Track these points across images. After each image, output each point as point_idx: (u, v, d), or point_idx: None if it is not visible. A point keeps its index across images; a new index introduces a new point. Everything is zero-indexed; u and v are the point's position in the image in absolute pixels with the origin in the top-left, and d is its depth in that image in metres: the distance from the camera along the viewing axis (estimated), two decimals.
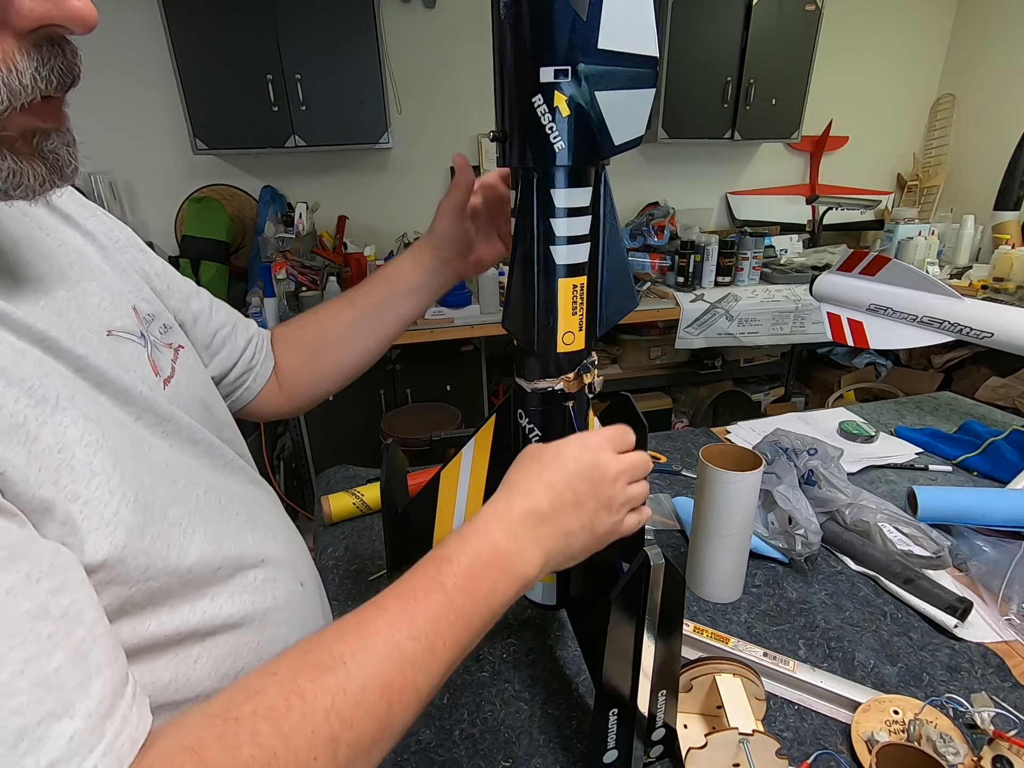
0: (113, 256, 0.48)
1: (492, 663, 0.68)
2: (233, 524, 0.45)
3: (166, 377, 0.47)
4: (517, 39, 0.42)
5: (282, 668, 0.32)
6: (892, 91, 3.20)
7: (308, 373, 0.69)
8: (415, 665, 0.34)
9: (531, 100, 0.43)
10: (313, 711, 0.30)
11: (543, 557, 0.43)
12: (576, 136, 0.44)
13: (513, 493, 0.44)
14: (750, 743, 0.51)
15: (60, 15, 0.28)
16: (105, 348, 0.40)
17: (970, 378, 2.45)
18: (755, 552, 0.80)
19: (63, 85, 0.30)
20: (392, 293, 0.66)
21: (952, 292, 1.04)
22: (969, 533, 0.85)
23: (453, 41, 2.56)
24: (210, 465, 0.47)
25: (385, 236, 2.72)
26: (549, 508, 0.43)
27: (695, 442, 1.17)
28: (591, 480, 0.44)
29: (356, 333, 0.67)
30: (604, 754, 0.51)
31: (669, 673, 0.52)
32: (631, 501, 0.48)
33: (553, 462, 0.45)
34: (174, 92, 2.15)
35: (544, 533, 0.43)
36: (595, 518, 0.45)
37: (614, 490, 0.45)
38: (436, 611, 0.36)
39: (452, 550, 0.40)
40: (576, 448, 0.46)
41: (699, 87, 2.57)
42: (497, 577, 0.40)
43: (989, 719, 0.56)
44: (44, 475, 0.30)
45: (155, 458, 0.40)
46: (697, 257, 2.53)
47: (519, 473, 0.46)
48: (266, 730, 0.29)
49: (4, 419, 0.29)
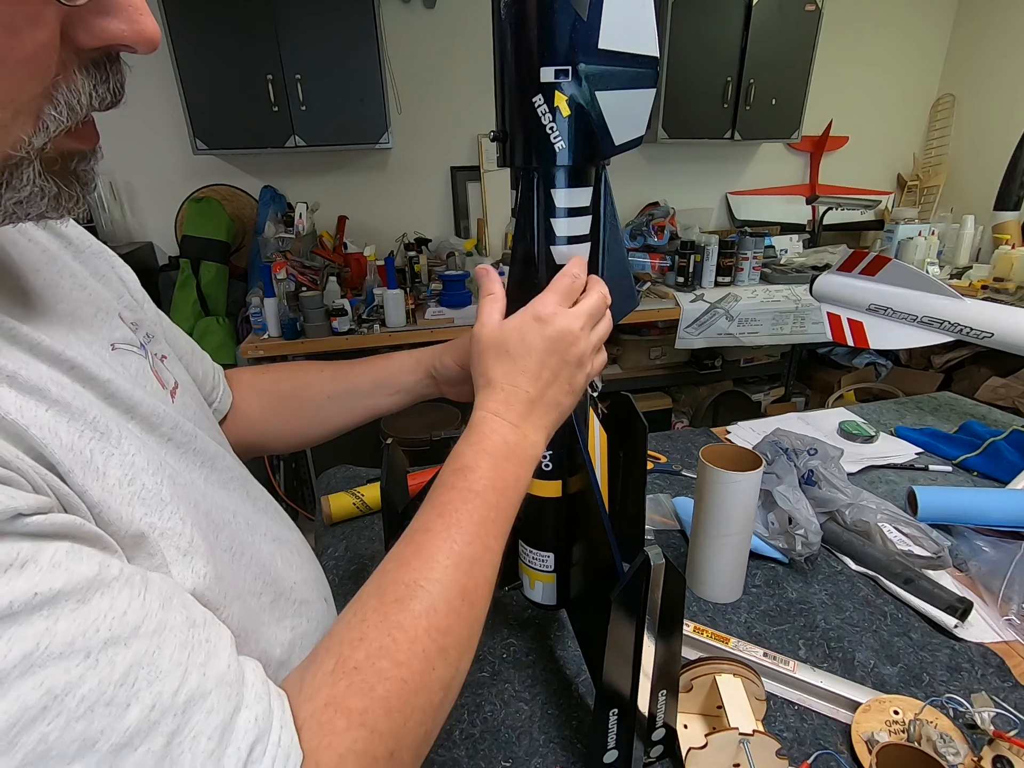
0: (91, 261, 0.46)
1: (492, 663, 0.68)
2: (263, 545, 0.44)
3: (172, 388, 0.45)
4: (518, 39, 0.42)
5: (368, 613, 0.35)
6: (892, 91, 3.20)
7: (273, 427, 0.67)
8: (479, 564, 0.38)
9: (532, 100, 0.43)
10: (416, 636, 0.34)
11: (544, 434, 0.47)
12: (576, 136, 0.44)
13: (497, 390, 0.46)
14: (750, 743, 0.51)
15: (131, 35, 0.27)
16: (117, 365, 0.38)
17: (970, 378, 2.45)
18: (755, 552, 0.80)
19: (114, 104, 0.29)
20: (381, 386, 0.65)
21: (952, 292, 1.04)
22: (969, 533, 0.85)
23: (453, 41, 2.56)
24: (229, 484, 0.46)
25: (385, 236, 2.72)
26: (536, 392, 0.45)
27: (695, 442, 1.17)
28: (559, 353, 0.46)
29: (333, 408, 0.66)
30: (604, 754, 0.51)
31: (669, 673, 0.52)
32: (598, 344, 0.49)
33: (520, 348, 0.46)
34: (174, 92, 2.15)
35: (539, 414, 0.46)
36: (572, 381, 0.47)
37: (580, 347, 0.47)
38: (479, 514, 0.40)
39: (469, 459, 0.42)
40: (535, 325, 0.46)
41: (699, 87, 2.57)
42: (517, 467, 0.44)
43: (989, 719, 0.56)
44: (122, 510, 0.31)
45: (191, 483, 0.39)
46: (697, 257, 2.53)
47: (493, 367, 0.46)
48: (386, 666, 0.32)
49: (77, 457, 0.29)
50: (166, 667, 0.28)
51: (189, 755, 0.27)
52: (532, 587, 0.62)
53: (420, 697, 0.33)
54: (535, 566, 0.61)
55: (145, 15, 0.27)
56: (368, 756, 0.31)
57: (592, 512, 0.53)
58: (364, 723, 0.31)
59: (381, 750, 0.31)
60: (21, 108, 0.25)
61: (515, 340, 0.46)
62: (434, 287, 2.48)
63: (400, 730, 0.32)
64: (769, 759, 0.52)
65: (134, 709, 0.26)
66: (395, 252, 2.62)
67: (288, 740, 0.30)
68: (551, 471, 0.56)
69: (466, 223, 2.86)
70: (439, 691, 0.35)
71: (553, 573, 0.61)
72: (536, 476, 0.57)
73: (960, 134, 3.19)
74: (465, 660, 0.37)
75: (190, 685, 0.28)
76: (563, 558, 0.60)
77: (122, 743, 0.25)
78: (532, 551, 0.61)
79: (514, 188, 0.50)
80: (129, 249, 2.36)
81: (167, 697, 0.27)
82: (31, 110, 0.26)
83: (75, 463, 0.29)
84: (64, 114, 0.27)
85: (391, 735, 0.32)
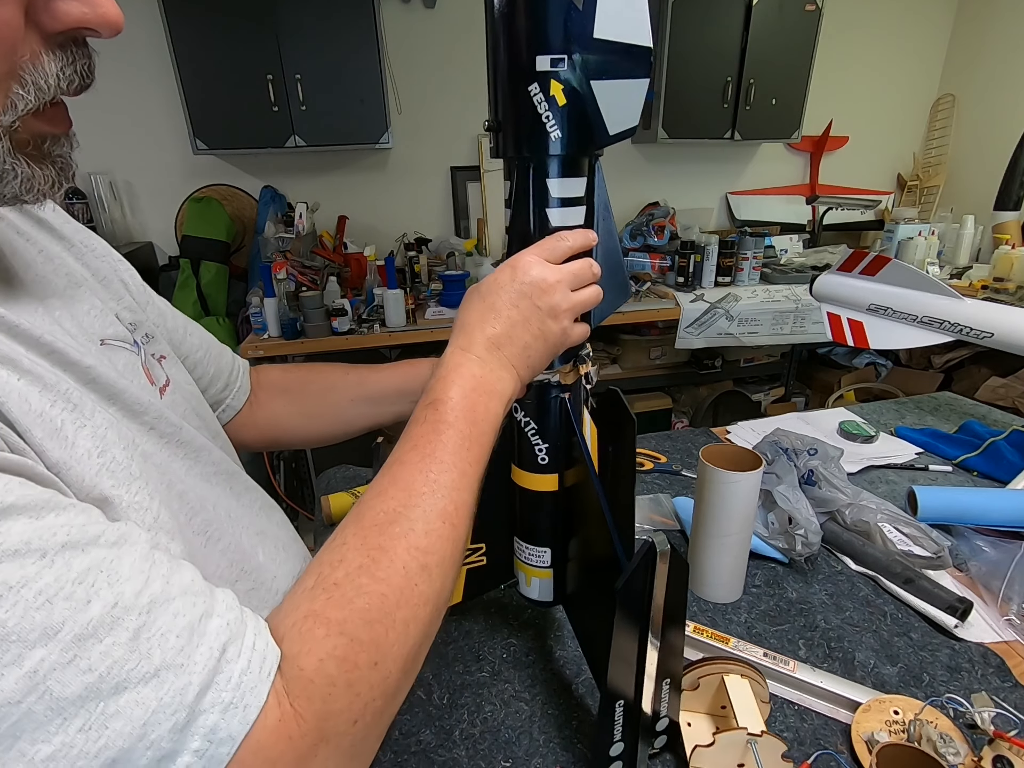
0: (92, 263, 0.48)
1: (492, 663, 0.68)
2: (244, 538, 0.45)
3: (161, 385, 0.47)
4: (513, 28, 0.42)
5: (348, 538, 0.36)
6: (892, 91, 3.20)
7: (297, 425, 0.69)
8: (457, 488, 0.39)
9: (527, 89, 0.43)
10: (396, 554, 0.35)
11: (513, 373, 0.47)
12: (572, 125, 0.44)
13: (467, 328, 0.47)
14: (758, 744, 0.51)
15: (94, 19, 0.28)
16: (104, 358, 0.39)
17: (970, 378, 2.45)
18: (755, 552, 0.80)
19: (82, 86, 0.31)
20: (406, 391, 0.67)
21: (952, 292, 1.04)
22: (969, 533, 0.85)
23: (453, 41, 2.56)
24: (212, 478, 0.46)
25: (385, 236, 2.72)
26: (502, 330, 0.46)
27: (695, 442, 1.17)
28: (529, 296, 0.46)
29: (358, 411, 0.68)
30: (611, 747, 0.52)
31: (673, 663, 0.53)
32: (577, 307, 0.49)
33: (492, 289, 0.47)
34: (174, 92, 2.15)
35: (506, 352, 0.46)
36: (543, 327, 0.47)
37: (554, 298, 0.47)
38: (452, 443, 0.40)
39: (438, 392, 0.43)
40: (509, 270, 0.47)
41: (699, 87, 2.57)
42: (487, 398, 0.44)
43: (989, 719, 0.56)
44: (86, 477, 0.31)
45: (167, 467, 0.40)
46: (697, 257, 2.53)
47: (467, 311, 0.48)
48: (366, 581, 0.33)
49: (46, 424, 0.30)
50: (127, 573, 0.28)
51: (159, 652, 0.27)
52: (528, 584, 0.62)
53: (402, 610, 0.34)
54: (531, 562, 0.61)
55: None
56: (348, 662, 0.31)
57: (591, 504, 0.53)
58: (344, 631, 0.31)
59: (363, 658, 0.31)
60: None
61: (488, 283, 0.48)
62: (434, 287, 2.48)
63: (382, 640, 0.32)
64: (775, 761, 0.52)
65: (95, 605, 0.26)
66: (395, 252, 2.62)
67: (263, 645, 0.30)
68: (547, 464, 0.56)
69: (466, 223, 2.86)
70: (423, 606, 0.35)
71: (550, 568, 0.61)
72: (532, 470, 0.57)
73: (960, 134, 3.19)
74: (450, 578, 0.38)
75: (153, 590, 0.28)
76: (560, 553, 0.60)
77: (86, 634, 0.25)
78: (528, 547, 0.60)
79: (508, 179, 0.50)
80: (129, 249, 2.36)
81: (129, 597, 0.27)
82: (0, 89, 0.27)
83: (38, 426, 0.30)
84: (32, 93, 0.28)
85: (372, 645, 0.32)
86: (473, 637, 0.71)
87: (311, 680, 0.30)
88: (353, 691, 0.31)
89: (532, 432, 0.55)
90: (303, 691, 0.30)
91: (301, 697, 0.30)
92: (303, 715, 0.29)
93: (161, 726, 0.26)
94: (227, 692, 0.28)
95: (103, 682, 0.25)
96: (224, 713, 0.27)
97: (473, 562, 0.63)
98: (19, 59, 0.27)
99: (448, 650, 0.70)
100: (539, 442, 0.55)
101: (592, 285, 0.50)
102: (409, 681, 0.35)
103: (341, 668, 0.31)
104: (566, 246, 0.48)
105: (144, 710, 0.26)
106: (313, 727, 0.29)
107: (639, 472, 1.06)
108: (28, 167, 0.30)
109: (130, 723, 0.25)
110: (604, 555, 0.52)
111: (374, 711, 0.32)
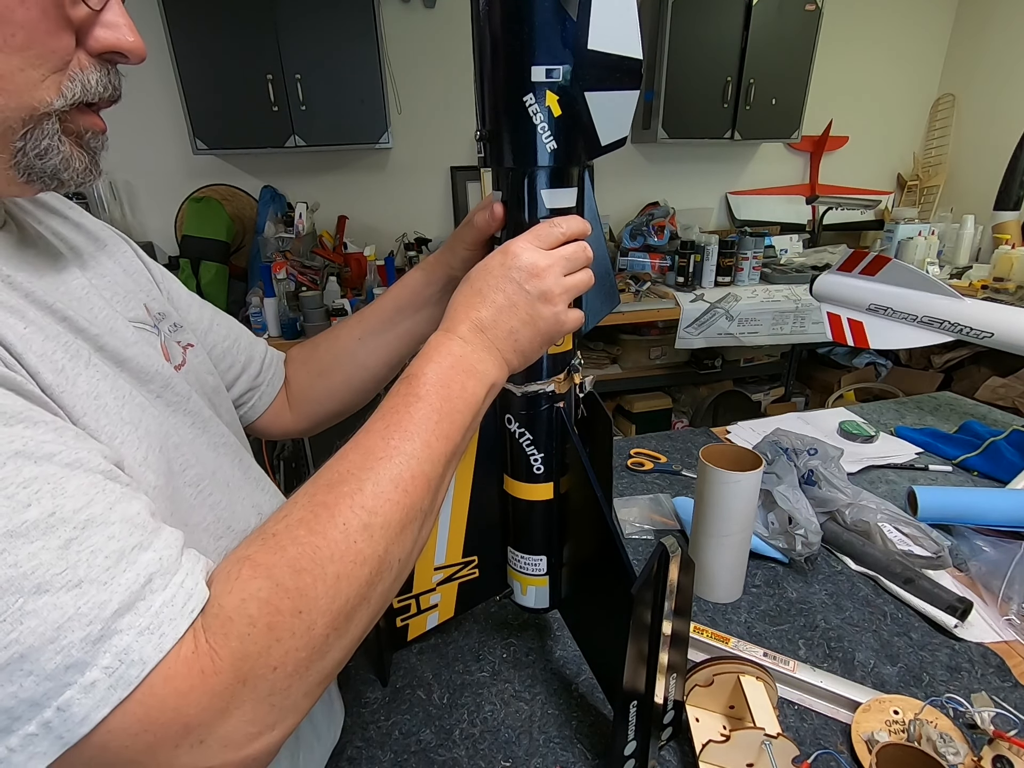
0: (122, 259, 0.51)
1: (492, 663, 0.68)
2: (239, 506, 0.47)
3: (177, 364, 0.49)
4: (509, 38, 0.42)
5: (299, 496, 0.36)
6: (892, 91, 3.20)
7: (318, 390, 0.69)
8: (417, 459, 0.39)
9: (522, 99, 0.43)
10: (339, 510, 0.35)
11: (498, 357, 0.46)
12: (567, 136, 0.45)
13: (452, 311, 0.47)
14: (773, 745, 0.52)
15: (125, 45, 0.37)
16: (121, 332, 0.42)
17: (970, 378, 2.45)
18: (755, 552, 0.80)
19: (112, 98, 0.38)
20: (403, 306, 0.66)
21: (952, 292, 1.04)
22: (969, 533, 0.85)
23: (453, 41, 2.56)
24: (219, 448, 0.48)
25: (385, 236, 2.72)
26: (487, 313, 0.46)
27: (695, 442, 1.17)
28: (517, 281, 0.46)
29: (367, 348, 0.67)
30: (625, 746, 0.52)
31: (681, 656, 0.53)
32: (570, 290, 0.48)
33: (480, 275, 0.47)
34: (174, 92, 2.15)
35: (490, 335, 0.46)
36: (533, 312, 0.46)
37: (545, 283, 0.46)
38: (420, 415, 0.40)
39: (415, 368, 0.43)
40: (499, 255, 0.47)
41: (699, 87, 2.57)
42: (465, 376, 0.43)
43: (989, 719, 0.56)
44: (87, 416, 0.35)
45: (172, 432, 0.42)
46: (697, 257, 2.53)
47: (456, 296, 0.48)
48: (302, 533, 0.34)
49: (48, 365, 0.34)
50: (72, 491, 0.29)
51: (85, 565, 0.28)
52: (524, 593, 0.62)
53: (335, 565, 0.33)
54: (527, 571, 0.61)
55: (134, 33, 0.38)
56: (271, 606, 0.31)
57: (588, 509, 0.53)
58: (270, 576, 0.32)
59: (287, 605, 0.31)
60: (47, 73, 0.34)
61: (479, 268, 0.48)
62: None
63: (309, 591, 0.32)
64: (786, 764, 0.52)
65: (33, 509, 0.27)
66: (395, 252, 2.62)
67: (192, 584, 0.31)
68: (542, 474, 0.56)
69: None
70: (360, 565, 0.34)
71: (546, 576, 0.61)
72: (527, 480, 0.57)
73: (960, 134, 3.19)
74: (397, 546, 0.37)
75: (94, 510, 0.29)
76: (555, 559, 0.60)
77: (18, 532, 0.27)
78: (524, 556, 0.61)
79: (497, 188, 0.50)
80: None
81: (68, 511, 0.28)
82: (55, 81, 0.35)
83: (33, 356, 0.33)
84: (78, 89, 0.36)
85: (298, 593, 0.32)
86: (473, 637, 0.71)
87: (229, 618, 0.30)
88: (273, 635, 0.31)
89: (527, 443, 0.55)
90: (220, 628, 0.30)
91: (218, 634, 0.30)
92: (218, 651, 0.30)
93: (74, 633, 0.27)
94: (145, 618, 0.28)
95: (26, 579, 0.26)
96: (139, 636, 0.28)
97: (465, 575, 0.63)
98: (70, 67, 0.36)
99: (448, 650, 0.70)
100: (534, 452, 0.55)
101: (585, 269, 0.50)
102: (342, 642, 0.34)
103: (262, 610, 0.31)
104: (559, 232, 0.47)
105: (60, 614, 0.26)
106: (228, 665, 0.29)
107: (639, 472, 1.07)
108: (69, 148, 0.37)
109: (44, 623, 0.26)
110: (604, 558, 0.52)
111: (296, 661, 0.32)
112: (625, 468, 1.08)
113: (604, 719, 0.61)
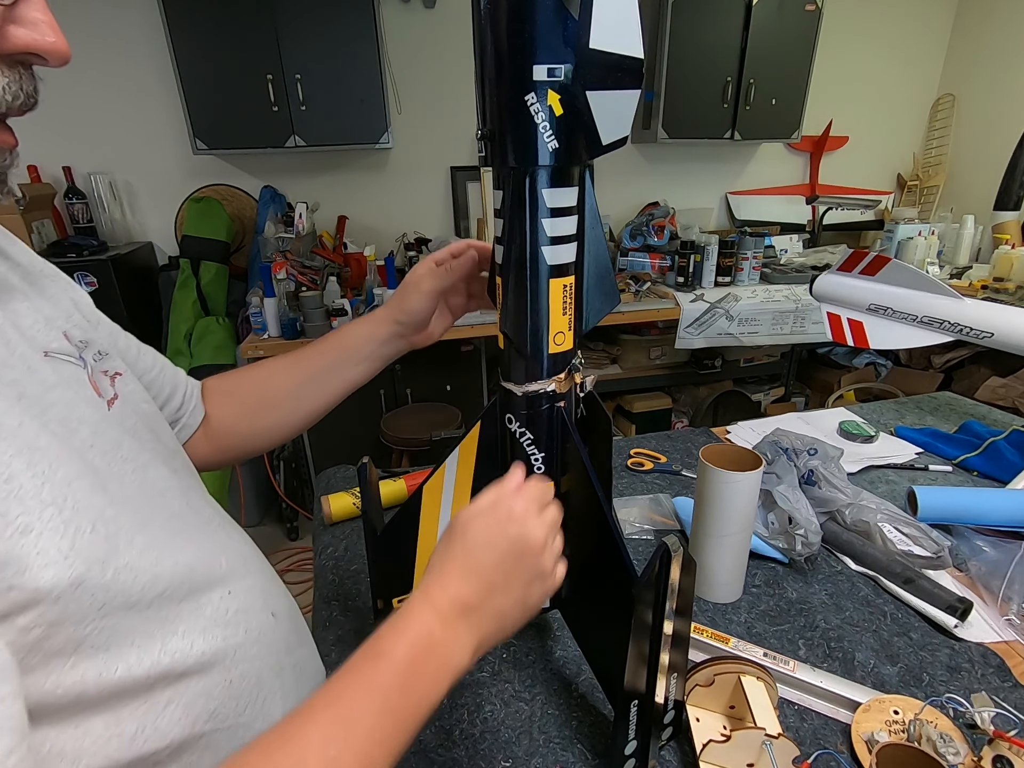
0: (40, 283, 0.47)
1: (492, 663, 0.68)
2: (204, 549, 0.44)
3: (109, 399, 0.45)
4: (511, 37, 0.42)
5: None
6: (892, 91, 3.20)
7: (245, 428, 0.67)
8: (355, 754, 0.33)
9: (524, 99, 0.43)
10: None
11: (476, 642, 0.41)
12: (568, 135, 0.44)
13: (442, 579, 0.42)
14: (773, 745, 0.52)
15: (44, 46, 0.32)
16: (44, 369, 0.39)
17: (970, 378, 2.45)
18: (755, 552, 0.80)
19: (26, 105, 0.34)
20: (345, 359, 0.65)
21: (952, 292, 1.04)
22: (969, 533, 0.85)
23: (453, 41, 2.56)
24: (168, 492, 0.45)
25: (385, 236, 2.72)
26: (477, 596, 0.41)
27: (695, 442, 1.17)
28: (520, 555, 0.43)
29: (304, 394, 0.66)
30: (626, 745, 0.52)
31: (681, 655, 0.53)
32: (558, 555, 0.46)
33: (479, 544, 0.43)
34: (174, 92, 2.15)
35: (475, 619, 0.41)
36: (527, 591, 0.43)
37: (543, 558, 0.44)
38: (371, 720, 0.35)
39: (387, 643, 0.38)
40: (503, 523, 0.43)
41: (699, 87, 2.57)
42: (435, 671, 0.38)
43: (989, 719, 0.56)
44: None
45: (113, 487, 0.38)
46: (697, 257, 2.53)
47: (446, 555, 0.43)
48: None
49: None
50: None
51: None
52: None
53: None
54: None
55: (55, 31, 0.32)
56: None
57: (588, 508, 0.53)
58: None
59: None
60: None
61: (476, 532, 0.43)
62: None
63: None
64: (786, 765, 0.52)
65: None
66: (395, 252, 2.62)
67: None
68: (542, 473, 0.56)
69: (466, 223, 2.86)
70: None
71: None
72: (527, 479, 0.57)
73: (960, 134, 3.18)
74: None
75: None
76: None
77: None
78: None
79: (498, 188, 0.50)
80: (129, 249, 2.36)
81: None
82: None
83: None
84: None
85: None
86: None
87: None
88: None
89: (528, 442, 0.55)
90: None
91: None
92: None
93: None
94: None
95: None
96: None
97: None
98: None
99: None
100: (535, 451, 0.55)
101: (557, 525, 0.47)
102: None
103: None
104: (551, 493, 0.47)
105: None
106: None
107: (639, 472, 1.07)
108: None
109: None
110: (605, 557, 0.52)
111: None
112: (625, 468, 1.08)
113: (604, 719, 0.61)
